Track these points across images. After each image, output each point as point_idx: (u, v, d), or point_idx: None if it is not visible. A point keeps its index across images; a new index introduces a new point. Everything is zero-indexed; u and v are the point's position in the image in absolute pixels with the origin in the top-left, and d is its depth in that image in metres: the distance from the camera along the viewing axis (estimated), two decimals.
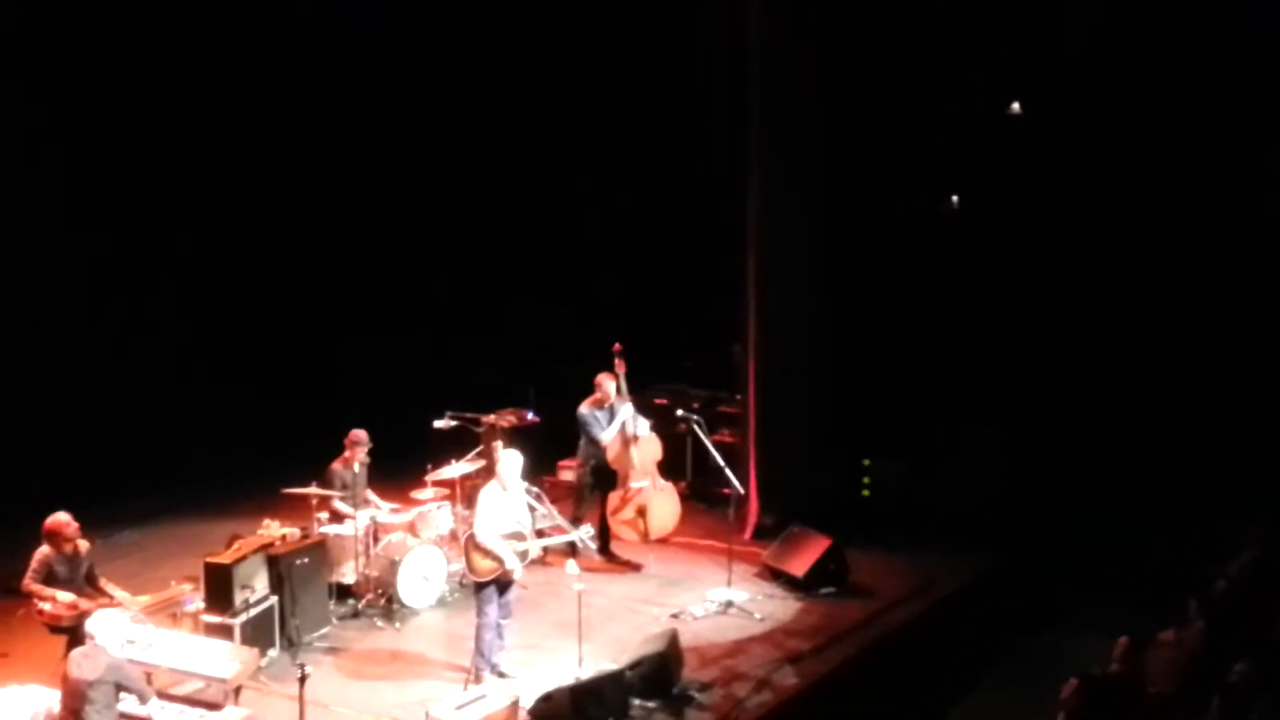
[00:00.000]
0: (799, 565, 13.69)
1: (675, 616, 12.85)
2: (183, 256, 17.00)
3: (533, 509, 11.82)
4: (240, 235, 17.33)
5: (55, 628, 10.67)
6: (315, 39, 17.22)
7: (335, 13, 17.20)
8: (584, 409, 14.05)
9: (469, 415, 14.46)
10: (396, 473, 14.32)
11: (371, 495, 13.47)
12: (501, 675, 11.40)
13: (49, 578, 10.71)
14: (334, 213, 17.94)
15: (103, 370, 16.27)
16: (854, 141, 15.24)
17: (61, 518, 10.82)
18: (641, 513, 14.14)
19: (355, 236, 18.07)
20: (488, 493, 11.39)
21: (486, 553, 11.22)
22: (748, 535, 14.84)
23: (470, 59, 17.81)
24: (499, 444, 13.47)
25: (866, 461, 15.94)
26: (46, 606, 10.64)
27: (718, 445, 14.45)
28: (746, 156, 14.83)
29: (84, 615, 9.92)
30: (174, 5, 16.30)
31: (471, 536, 11.29)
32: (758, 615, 13.00)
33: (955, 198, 16.33)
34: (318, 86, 17.43)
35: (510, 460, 11.48)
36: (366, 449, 13.19)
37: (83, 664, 9.24)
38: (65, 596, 10.65)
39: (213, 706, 9.95)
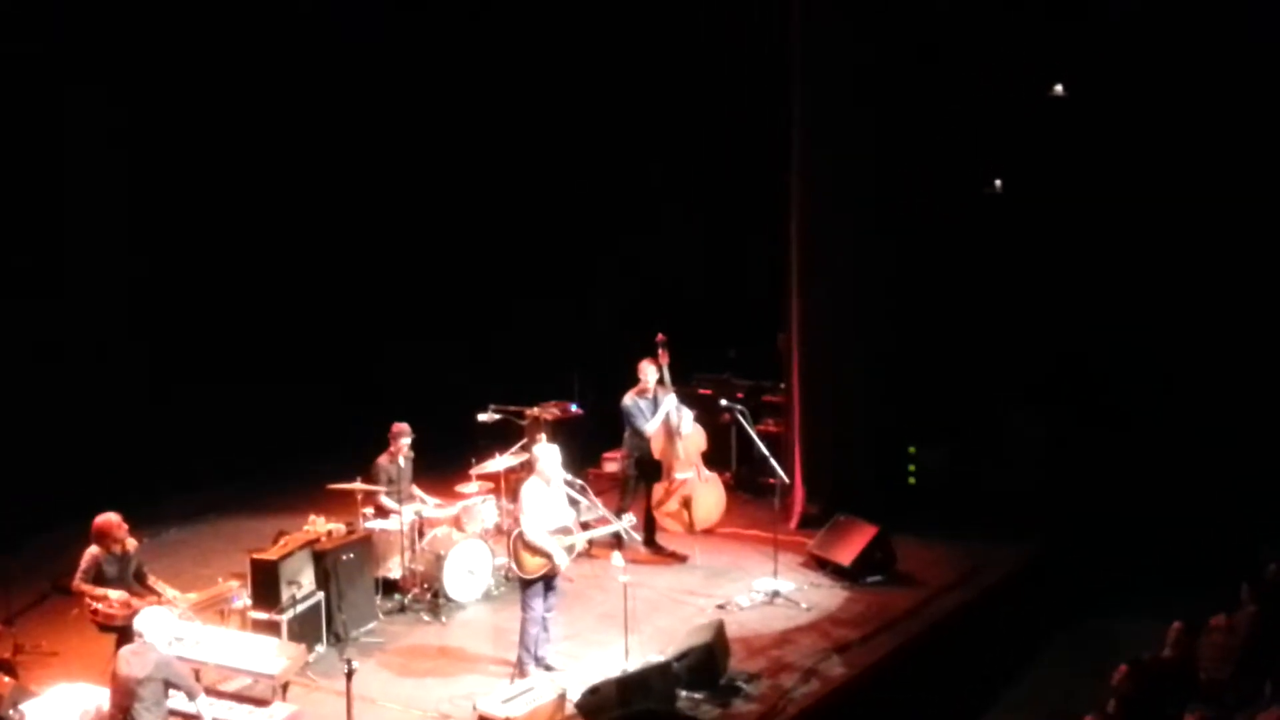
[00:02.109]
0: (846, 554, 13.62)
1: (721, 607, 12.80)
2: (222, 255, 16.99)
3: (575, 502, 11.79)
4: (279, 233, 17.33)
5: (107, 626, 10.72)
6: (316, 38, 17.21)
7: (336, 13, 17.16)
8: (628, 400, 13.99)
9: (512, 408, 14.48)
10: (441, 467, 14.34)
11: (417, 490, 13.48)
12: (548, 668, 11.37)
13: (98, 577, 10.76)
14: (371, 210, 17.94)
15: (145, 368, 16.35)
16: (897, 126, 15.12)
17: (112, 518, 10.86)
18: (687, 504, 14.11)
19: (393, 234, 18.04)
20: (531, 489, 11.32)
21: (536, 550, 11.19)
22: (793, 525, 14.77)
23: (490, 43, 17.71)
24: (542, 437, 13.46)
25: (912, 448, 15.84)
26: (99, 606, 10.69)
27: (762, 435, 14.38)
28: (789, 141, 14.76)
29: (137, 614, 9.95)
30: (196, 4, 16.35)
31: (520, 535, 11.21)
32: (804, 605, 12.94)
33: (999, 181, 16.20)
34: (332, 87, 17.40)
35: (549, 454, 11.46)
36: (410, 440, 13.21)
37: (132, 661, 9.30)
38: (118, 595, 10.70)
39: (260, 703, 10.00)
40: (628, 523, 12.23)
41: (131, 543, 11.01)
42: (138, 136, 16.30)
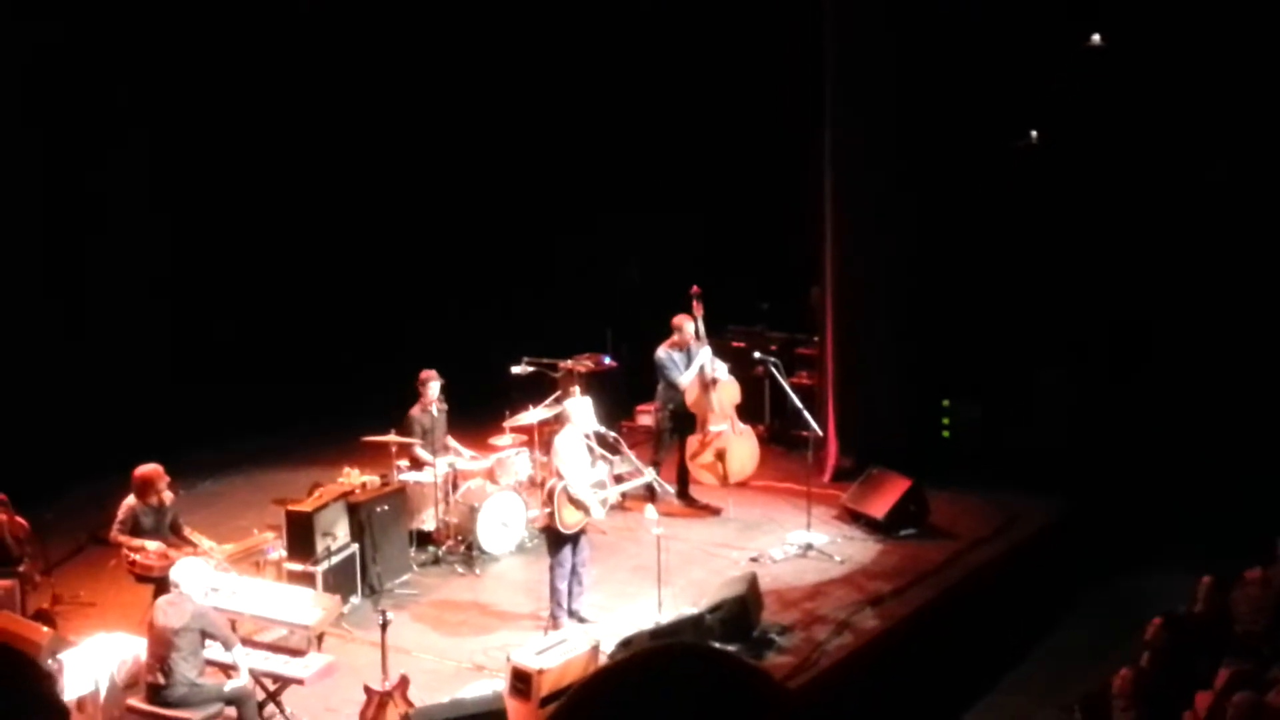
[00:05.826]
0: (879, 507, 13.61)
1: (754, 560, 12.83)
2: (261, 206, 16.98)
3: (607, 459, 11.81)
4: (314, 185, 17.30)
5: (144, 577, 10.81)
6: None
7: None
8: (661, 352, 13.96)
9: (546, 361, 14.49)
10: (475, 419, 14.37)
11: (452, 442, 13.51)
12: (581, 620, 11.43)
13: (135, 528, 10.85)
14: (406, 165, 17.87)
15: (179, 319, 16.40)
16: (930, 76, 14.97)
17: (155, 469, 10.93)
18: (721, 456, 14.10)
19: (428, 189, 17.97)
20: (568, 443, 11.34)
21: (579, 504, 11.22)
22: (827, 477, 14.75)
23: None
24: (576, 389, 13.47)
25: (946, 402, 15.75)
26: (137, 557, 10.78)
27: (796, 387, 14.36)
28: (822, 93, 14.66)
29: (173, 564, 10.01)
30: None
31: (565, 489, 11.20)
32: (837, 558, 12.94)
33: (1034, 133, 16.04)
34: (373, 55, 17.35)
35: (582, 407, 11.48)
36: (438, 385, 13.21)
37: (169, 612, 9.40)
38: (155, 546, 10.78)
39: (296, 653, 10.10)
40: (651, 475, 12.25)
41: (168, 495, 11.08)
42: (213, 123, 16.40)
